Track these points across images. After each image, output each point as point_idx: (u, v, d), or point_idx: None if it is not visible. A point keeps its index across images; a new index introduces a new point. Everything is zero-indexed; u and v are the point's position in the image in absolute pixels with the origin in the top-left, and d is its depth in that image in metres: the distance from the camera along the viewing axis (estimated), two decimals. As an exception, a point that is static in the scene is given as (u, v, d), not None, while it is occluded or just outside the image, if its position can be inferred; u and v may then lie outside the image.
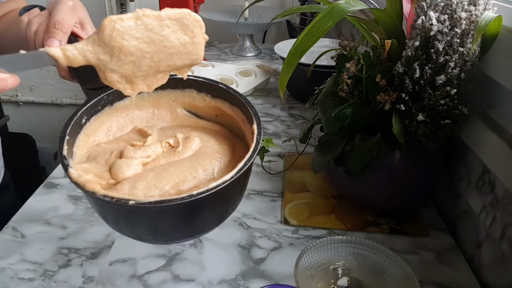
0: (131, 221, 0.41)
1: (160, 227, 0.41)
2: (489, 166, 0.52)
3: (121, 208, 0.38)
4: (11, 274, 0.52)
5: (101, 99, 0.47)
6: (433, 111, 0.51)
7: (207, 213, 0.41)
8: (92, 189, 0.37)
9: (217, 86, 0.49)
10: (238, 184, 0.41)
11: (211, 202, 0.40)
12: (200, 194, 0.36)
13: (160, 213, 0.39)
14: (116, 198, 0.36)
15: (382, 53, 0.56)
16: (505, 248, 0.49)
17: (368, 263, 0.50)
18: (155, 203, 0.36)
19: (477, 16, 0.49)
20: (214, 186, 0.37)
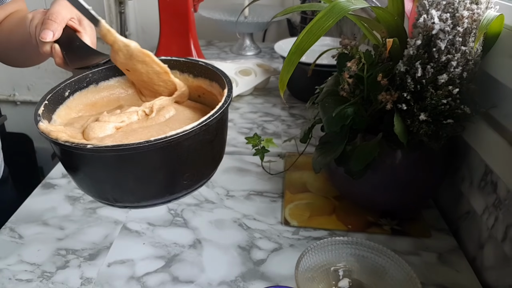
0: (92, 172, 0.40)
1: (122, 179, 0.40)
2: (492, 166, 0.52)
3: (80, 155, 0.38)
4: (8, 275, 0.52)
5: (86, 76, 0.49)
6: (435, 111, 0.50)
7: (170, 167, 0.39)
8: (55, 137, 0.38)
9: (198, 64, 0.50)
10: (203, 141, 0.40)
11: (172, 153, 0.38)
12: (157, 141, 0.35)
13: (119, 160, 0.38)
14: (75, 143, 0.36)
15: (383, 52, 0.55)
16: (507, 249, 0.49)
17: (370, 264, 0.49)
18: (112, 146, 0.36)
19: (479, 14, 0.48)
20: (173, 134, 0.36)
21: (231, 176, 0.74)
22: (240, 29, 1.39)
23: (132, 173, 0.39)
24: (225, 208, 0.66)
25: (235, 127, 0.91)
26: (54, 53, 0.52)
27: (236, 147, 0.83)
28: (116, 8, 1.65)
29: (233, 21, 1.34)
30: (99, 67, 0.49)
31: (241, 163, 0.77)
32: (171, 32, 1.11)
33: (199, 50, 1.15)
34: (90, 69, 0.49)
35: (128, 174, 0.40)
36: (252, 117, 0.96)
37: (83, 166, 0.41)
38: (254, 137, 0.72)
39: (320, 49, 0.70)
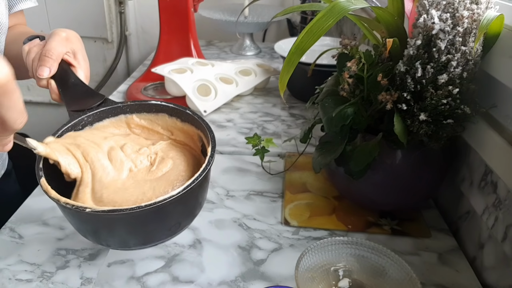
0: (90, 226, 0.46)
1: (116, 233, 0.46)
2: (492, 167, 0.52)
3: (80, 215, 0.43)
4: (8, 275, 0.52)
5: (81, 120, 0.52)
6: (435, 111, 0.50)
7: (157, 223, 0.45)
8: (56, 197, 0.43)
9: (185, 112, 0.55)
10: (187, 199, 0.45)
11: (159, 213, 0.44)
12: (147, 206, 0.41)
13: (113, 221, 0.44)
14: (75, 206, 0.42)
15: (383, 52, 0.55)
16: (507, 249, 0.49)
17: (370, 264, 0.49)
18: (108, 211, 0.41)
19: (479, 14, 0.48)
20: (160, 200, 0.42)
21: (231, 176, 0.74)
22: (240, 29, 1.39)
23: (124, 229, 0.45)
24: (225, 208, 0.66)
25: (235, 127, 0.91)
26: (50, 89, 0.54)
27: (236, 147, 0.83)
28: (116, 8, 1.65)
29: (233, 21, 1.34)
30: (93, 110, 0.52)
31: (241, 163, 0.77)
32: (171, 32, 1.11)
33: (199, 50, 1.15)
34: (85, 112, 0.53)
35: (121, 230, 0.46)
36: (252, 117, 0.96)
37: (82, 221, 0.46)
38: (254, 137, 0.72)
39: (320, 49, 0.70)
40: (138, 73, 1.21)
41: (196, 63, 1.02)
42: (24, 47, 0.57)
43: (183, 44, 1.12)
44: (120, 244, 0.48)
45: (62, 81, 0.53)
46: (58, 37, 0.55)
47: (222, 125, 0.92)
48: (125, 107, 0.54)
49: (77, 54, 0.56)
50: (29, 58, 0.55)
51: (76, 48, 0.56)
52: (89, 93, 0.53)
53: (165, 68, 0.98)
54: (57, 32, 0.56)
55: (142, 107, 0.54)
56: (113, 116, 0.55)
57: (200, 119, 0.53)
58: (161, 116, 0.56)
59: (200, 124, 0.53)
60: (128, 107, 0.54)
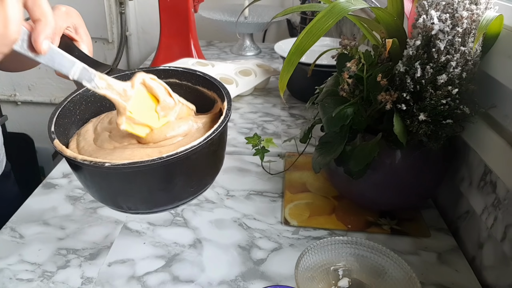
0: (109, 185, 0.43)
1: (136, 191, 0.43)
2: (491, 166, 0.52)
3: (98, 171, 0.40)
4: (9, 275, 0.52)
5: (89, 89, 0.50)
6: (435, 111, 0.51)
7: (179, 178, 0.43)
8: (72, 155, 0.40)
9: (195, 74, 0.52)
10: (208, 152, 0.44)
11: (181, 166, 0.42)
12: (169, 157, 0.39)
13: (134, 175, 0.41)
14: (93, 162, 0.39)
15: (383, 52, 0.55)
16: (506, 249, 0.49)
17: (369, 264, 0.50)
18: (128, 164, 0.38)
19: (478, 15, 0.48)
20: (182, 150, 0.40)
21: (231, 176, 0.74)
22: (240, 29, 1.39)
23: (145, 185, 0.43)
24: (225, 208, 0.66)
25: (235, 127, 0.91)
26: None
27: (236, 147, 0.83)
28: (116, 8, 1.66)
29: (233, 22, 1.34)
30: None
31: (241, 163, 0.78)
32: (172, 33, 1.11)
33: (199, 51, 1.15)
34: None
35: (142, 187, 0.43)
36: (252, 117, 0.96)
37: (100, 180, 0.44)
38: (254, 137, 0.72)
39: (319, 50, 0.70)
40: (138, 73, 1.21)
41: (196, 64, 1.02)
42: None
43: (183, 45, 1.12)
44: (140, 205, 0.45)
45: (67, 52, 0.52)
46: (58, 11, 0.53)
47: (222, 125, 0.92)
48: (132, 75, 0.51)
49: (78, 29, 0.54)
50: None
51: (77, 23, 0.54)
52: (95, 63, 0.51)
53: (165, 68, 0.98)
54: (56, 6, 0.53)
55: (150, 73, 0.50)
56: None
57: (212, 79, 0.51)
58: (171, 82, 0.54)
59: (212, 84, 0.51)
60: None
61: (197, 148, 0.41)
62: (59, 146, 0.42)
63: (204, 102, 0.53)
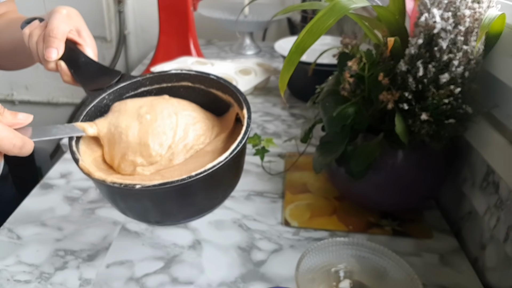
0: (139, 204, 0.44)
1: (166, 207, 0.44)
2: (494, 167, 0.51)
3: (128, 193, 0.41)
4: (7, 276, 0.52)
5: (103, 98, 0.50)
6: (437, 110, 0.50)
7: (206, 192, 0.44)
8: (101, 178, 0.41)
9: (209, 78, 0.51)
10: (232, 165, 0.44)
11: (211, 181, 0.43)
12: (197, 175, 0.40)
13: (164, 195, 0.42)
14: (124, 184, 0.39)
15: (384, 51, 0.55)
16: (509, 250, 0.48)
17: (371, 265, 0.49)
18: (159, 185, 0.39)
19: (480, 13, 0.48)
20: (209, 168, 0.40)
21: (231, 176, 0.73)
22: (240, 28, 1.39)
23: (175, 202, 0.44)
24: (224, 208, 0.65)
25: (235, 127, 0.91)
26: (60, 71, 0.51)
27: (236, 147, 0.82)
28: (115, 7, 1.65)
29: (233, 20, 1.34)
30: (112, 88, 0.50)
31: (241, 163, 0.77)
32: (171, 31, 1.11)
33: (199, 49, 1.15)
34: (105, 90, 0.50)
35: (172, 204, 0.44)
36: (252, 116, 0.95)
37: (129, 200, 0.44)
38: (254, 137, 0.71)
39: (320, 48, 0.69)
40: (137, 72, 1.21)
41: (196, 62, 1.02)
42: (24, 31, 0.54)
43: (182, 43, 1.11)
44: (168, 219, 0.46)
45: (72, 61, 0.50)
46: (59, 15, 0.52)
47: (221, 125, 0.91)
48: (144, 81, 0.51)
49: (81, 31, 0.53)
50: (32, 42, 0.52)
51: (79, 25, 0.53)
52: (104, 70, 0.51)
53: (164, 67, 0.98)
54: (57, 9, 0.53)
55: (162, 78, 0.51)
56: (133, 91, 0.52)
57: (227, 83, 0.50)
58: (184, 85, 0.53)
59: (227, 88, 0.50)
60: (147, 80, 0.51)
61: (224, 163, 0.41)
62: (86, 169, 0.42)
63: (218, 105, 0.52)
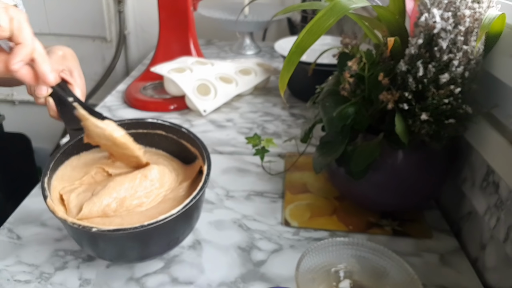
0: (95, 243, 0.49)
1: (119, 249, 0.49)
2: (494, 167, 0.51)
3: (86, 233, 0.46)
4: (7, 276, 0.52)
5: (82, 138, 0.55)
6: (437, 110, 0.50)
7: (157, 239, 0.49)
8: (63, 217, 0.46)
9: (180, 130, 0.58)
10: (184, 216, 0.48)
11: (160, 231, 0.47)
12: (150, 225, 0.45)
13: (117, 239, 0.47)
14: (82, 226, 0.45)
15: (384, 51, 0.55)
16: (509, 250, 0.48)
17: (371, 265, 0.49)
18: (113, 230, 0.45)
19: (480, 13, 0.48)
20: (162, 218, 0.45)
21: (231, 176, 0.73)
22: (240, 28, 1.39)
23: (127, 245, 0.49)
24: (224, 208, 0.65)
25: (235, 127, 0.91)
26: (48, 106, 0.54)
27: (236, 147, 0.82)
28: (115, 7, 1.65)
29: (233, 20, 1.34)
30: None
31: (241, 163, 0.77)
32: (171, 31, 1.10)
33: (199, 49, 1.15)
34: (83, 131, 0.54)
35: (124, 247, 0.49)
36: (252, 116, 0.96)
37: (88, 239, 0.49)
38: (254, 137, 0.71)
39: (320, 48, 0.69)
40: (137, 73, 1.21)
41: (196, 62, 1.02)
42: None
43: (182, 43, 1.11)
44: (122, 258, 0.51)
45: (60, 99, 0.53)
46: (54, 55, 0.56)
47: (222, 125, 0.91)
48: (123, 125, 0.56)
49: (73, 71, 0.56)
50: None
51: (72, 66, 0.57)
52: (88, 111, 0.54)
53: (164, 67, 0.97)
54: (54, 50, 0.57)
55: (139, 125, 0.58)
56: None
57: (196, 138, 0.56)
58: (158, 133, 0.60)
59: (195, 142, 0.56)
60: (125, 125, 0.56)
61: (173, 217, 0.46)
62: (51, 206, 0.47)
63: (186, 154, 0.59)
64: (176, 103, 0.97)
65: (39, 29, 1.66)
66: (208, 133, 0.87)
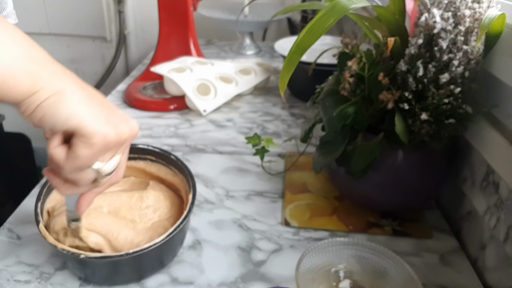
0: (83, 268, 0.51)
1: (104, 274, 0.51)
2: (494, 166, 0.51)
3: (75, 260, 0.49)
4: (7, 276, 0.52)
5: None
6: (437, 110, 0.50)
7: (142, 265, 0.51)
8: (54, 243, 0.47)
9: (169, 157, 0.59)
10: (169, 244, 0.50)
11: (145, 257, 0.49)
12: (135, 253, 0.47)
13: (103, 265, 0.49)
14: (71, 252, 0.47)
15: (384, 51, 0.55)
16: (509, 250, 0.48)
17: (371, 265, 0.49)
18: (100, 257, 0.47)
19: (481, 13, 0.48)
20: (147, 247, 0.47)
21: (231, 176, 0.73)
22: (240, 28, 1.38)
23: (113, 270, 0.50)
24: (224, 208, 0.65)
25: (235, 127, 0.91)
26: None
27: (236, 147, 0.82)
28: (115, 7, 1.65)
29: (233, 20, 1.34)
30: None
31: (241, 163, 0.77)
32: (171, 31, 1.10)
33: (199, 49, 1.15)
34: None
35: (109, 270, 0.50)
36: (252, 116, 0.96)
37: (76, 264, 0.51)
38: (254, 137, 0.71)
39: (320, 48, 0.69)
40: (137, 72, 1.21)
41: (196, 62, 1.02)
42: None
43: (182, 43, 1.11)
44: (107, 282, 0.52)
45: None
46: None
47: (222, 125, 0.91)
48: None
49: None
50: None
51: None
52: None
53: (164, 67, 0.97)
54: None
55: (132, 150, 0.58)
56: None
57: (183, 165, 0.58)
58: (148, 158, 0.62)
59: (183, 169, 0.57)
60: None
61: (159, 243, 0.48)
62: (43, 232, 0.49)
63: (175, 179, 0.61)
64: (176, 103, 0.97)
65: (39, 29, 1.66)
66: (208, 133, 0.87)
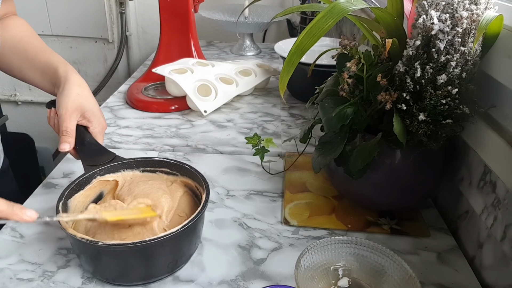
0: (99, 260, 0.51)
1: (119, 266, 0.50)
2: (491, 166, 0.52)
3: (93, 248, 0.49)
4: (10, 275, 0.52)
5: (95, 172, 0.59)
6: (434, 111, 0.51)
7: (157, 257, 0.50)
8: (73, 233, 0.48)
9: (184, 167, 0.61)
10: (185, 237, 0.51)
11: (160, 248, 0.49)
12: (151, 240, 0.47)
13: (120, 253, 0.49)
14: (90, 240, 0.47)
15: (383, 52, 0.56)
16: (506, 249, 0.49)
17: (369, 263, 0.50)
18: (117, 244, 0.48)
19: (478, 15, 0.48)
20: (163, 235, 0.48)
21: (231, 176, 0.74)
22: (240, 29, 1.39)
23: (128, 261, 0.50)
24: (225, 207, 0.66)
25: (235, 127, 0.91)
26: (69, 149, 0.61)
27: (236, 147, 0.83)
28: (116, 8, 1.66)
29: (233, 22, 1.34)
30: (105, 165, 0.60)
31: (241, 163, 0.78)
32: (172, 33, 1.11)
33: (199, 51, 1.15)
34: (98, 166, 0.60)
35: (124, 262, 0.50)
36: (252, 117, 0.96)
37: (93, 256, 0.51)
38: (254, 137, 0.72)
39: (319, 50, 0.70)
40: (138, 73, 1.21)
41: (197, 63, 1.02)
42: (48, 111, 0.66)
43: (183, 45, 1.12)
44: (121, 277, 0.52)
45: (79, 140, 0.62)
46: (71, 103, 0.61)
47: (222, 125, 0.92)
48: (132, 163, 0.62)
49: (89, 116, 0.63)
50: (51, 122, 0.65)
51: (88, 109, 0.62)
52: (102, 151, 0.62)
53: (165, 68, 0.98)
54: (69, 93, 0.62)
55: (147, 163, 0.62)
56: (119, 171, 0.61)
57: (197, 172, 0.59)
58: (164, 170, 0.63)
59: (196, 176, 0.59)
60: (134, 163, 0.62)
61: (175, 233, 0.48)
62: (63, 224, 0.50)
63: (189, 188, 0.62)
64: (177, 103, 0.98)
65: (41, 30, 1.67)
66: (209, 133, 0.88)
